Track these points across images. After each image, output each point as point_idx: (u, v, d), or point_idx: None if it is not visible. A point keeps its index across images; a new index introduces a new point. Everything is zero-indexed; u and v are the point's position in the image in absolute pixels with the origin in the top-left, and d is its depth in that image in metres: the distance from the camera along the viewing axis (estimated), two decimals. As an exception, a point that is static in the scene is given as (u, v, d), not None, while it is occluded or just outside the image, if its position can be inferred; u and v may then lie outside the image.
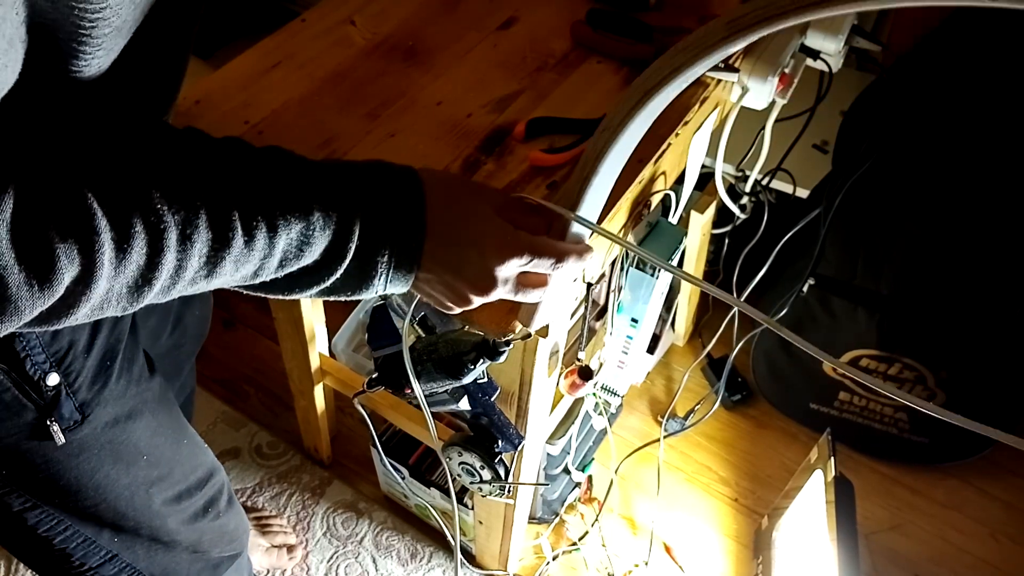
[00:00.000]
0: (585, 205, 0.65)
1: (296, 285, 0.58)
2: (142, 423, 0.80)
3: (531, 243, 0.62)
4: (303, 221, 0.54)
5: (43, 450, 0.73)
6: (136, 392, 0.78)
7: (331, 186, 0.57)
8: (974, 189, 1.29)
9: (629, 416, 1.70)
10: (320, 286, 0.58)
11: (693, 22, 1.05)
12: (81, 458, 0.75)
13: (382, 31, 1.07)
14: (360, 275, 0.58)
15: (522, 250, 0.61)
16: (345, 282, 0.58)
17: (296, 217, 0.54)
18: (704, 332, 1.81)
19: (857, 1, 0.46)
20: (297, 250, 0.55)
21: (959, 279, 1.36)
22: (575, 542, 1.51)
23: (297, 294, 0.59)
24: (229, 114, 0.95)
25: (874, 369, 1.50)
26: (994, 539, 1.55)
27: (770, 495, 1.59)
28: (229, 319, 1.83)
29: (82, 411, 0.73)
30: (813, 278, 1.45)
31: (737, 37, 0.51)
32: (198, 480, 0.90)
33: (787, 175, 1.44)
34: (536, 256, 0.62)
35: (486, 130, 0.95)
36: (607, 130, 0.60)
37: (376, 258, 0.58)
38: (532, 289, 0.65)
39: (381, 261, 0.58)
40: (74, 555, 0.82)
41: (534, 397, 0.99)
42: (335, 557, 1.49)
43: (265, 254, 0.54)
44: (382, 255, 0.58)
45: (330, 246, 0.56)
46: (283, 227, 0.53)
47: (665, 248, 1.06)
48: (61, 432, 0.72)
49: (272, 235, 0.53)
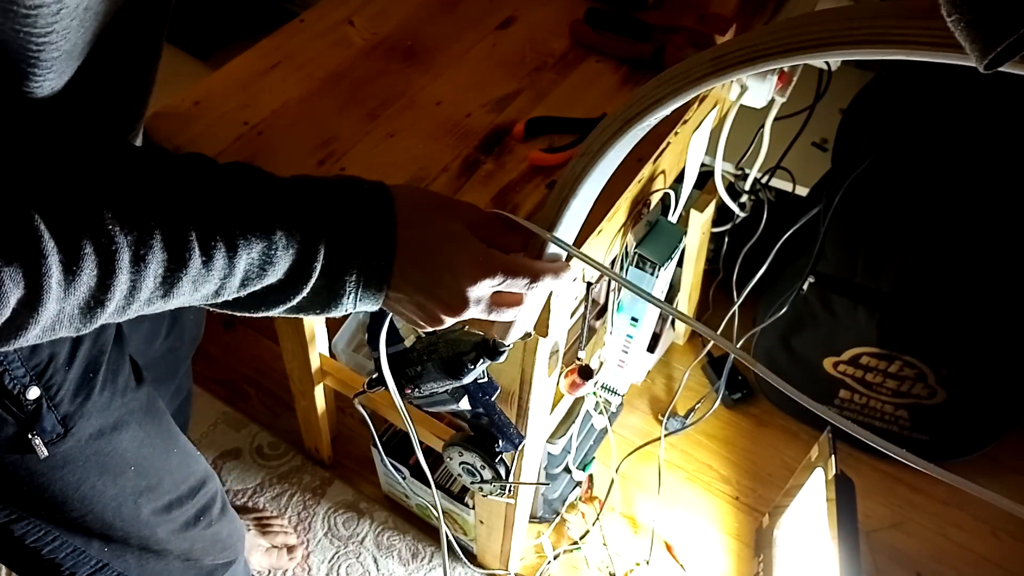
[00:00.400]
0: (563, 226, 0.65)
1: (261, 304, 0.56)
2: (128, 434, 0.79)
3: (504, 263, 0.61)
4: (264, 240, 0.53)
5: (26, 463, 0.72)
6: (121, 403, 0.78)
7: (296, 203, 0.55)
8: (974, 186, 1.29)
9: (630, 415, 1.70)
10: (286, 304, 0.57)
11: (692, 21, 1.05)
12: (65, 471, 0.75)
13: (381, 31, 1.07)
14: (328, 294, 0.57)
15: (495, 270, 0.60)
16: (313, 300, 0.57)
17: (257, 236, 0.53)
18: (704, 331, 1.81)
19: (837, 48, 0.46)
20: (259, 269, 0.54)
21: (959, 277, 1.36)
22: (576, 541, 1.51)
23: (264, 312, 0.57)
24: (228, 115, 0.94)
25: (874, 367, 1.50)
26: (995, 536, 1.55)
27: (771, 493, 1.59)
28: (229, 319, 1.83)
29: (64, 424, 0.72)
30: (813, 276, 1.45)
31: (721, 73, 0.51)
32: (189, 489, 0.90)
33: (787, 173, 1.44)
34: (510, 276, 0.60)
35: (485, 130, 0.95)
36: (586, 155, 0.60)
37: (344, 277, 0.56)
38: (506, 308, 0.63)
39: (349, 280, 0.57)
40: (63, 565, 0.82)
41: (534, 396, 0.99)
42: (336, 557, 1.49)
43: (225, 274, 0.52)
44: (350, 274, 0.57)
45: (294, 265, 0.55)
46: (243, 246, 0.52)
47: (665, 247, 1.06)
48: (44, 445, 0.71)
49: (232, 255, 0.52)
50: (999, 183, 1.28)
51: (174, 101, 0.96)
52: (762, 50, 0.49)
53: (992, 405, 1.54)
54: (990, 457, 1.62)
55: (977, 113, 1.27)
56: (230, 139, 0.92)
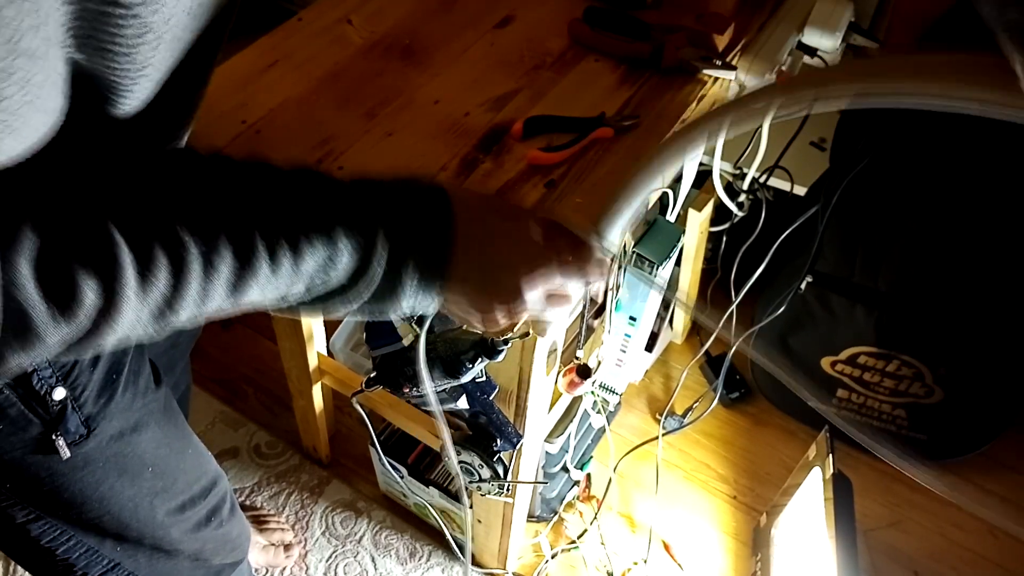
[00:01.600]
0: (614, 230, 0.66)
1: (326, 306, 0.58)
2: (147, 435, 0.80)
3: (560, 262, 0.62)
4: (327, 243, 0.54)
5: (48, 463, 0.73)
6: (142, 404, 0.78)
7: (355, 205, 0.57)
8: (972, 186, 1.29)
9: (627, 414, 1.70)
10: (351, 306, 0.58)
11: (690, 20, 1.05)
12: (86, 471, 0.75)
13: (379, 30, 1.07)
14: (388, 292, 0.58)
15: (551, 268, 0.61)
16: (375, 302, 0.58)
17: (321, 239, 0.54)
18: (702, 330, 1.81)
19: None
20: (324, 273, 0.55)
21: (957, 276, 1.36)
22: (574, 540, 1.51)
23: (329, 314, 0.59)
24: (226, 114, 0.94)
25: (872, 366, 1.50)
26: (993, 535, 1.55)
27: (769, 492, 1.59)
28: (227, 319, 1.83)
29: (88, 425, 0.73)
30: (811, 275, 1.45)
31: (787, 103, 0.52)
32: (202, 489, 0.90)
33: (785, 172, 1.44)
34: (564, 274, 0.62)
35: (484, 129, 0.95)
36: (648, 160, 0.61)
37: (402, 273, 0.57)
38: (559, 306, 0.65)
39: (407, 276, 0.58)
40: (77, 564, 0.82)
41: (532, 395, 0.99)
42: (334, 556, 1.49)
43: (292, 279, 0.54)
44: (407, 270, 0.57)
45: (357, 267, 0.56)
46: (308, 250, 0.54)
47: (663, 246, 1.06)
48: (67, 446, 0.72)
49: (297, 259, 0.53)
50: (997, 182, 1.28)
51: (172, 100, 0.95)
52: (827, 87, 0.50)
53: (990, 404, 1.55)
54: (988, 456, 1.63)
55: (975, 113, 1.27)
56: (228, 138, 0.92)
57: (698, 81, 1.02)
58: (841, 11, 1.15)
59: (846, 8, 1.15)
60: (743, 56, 1.08)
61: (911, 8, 1.59)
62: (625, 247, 1.04)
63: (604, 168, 0.91)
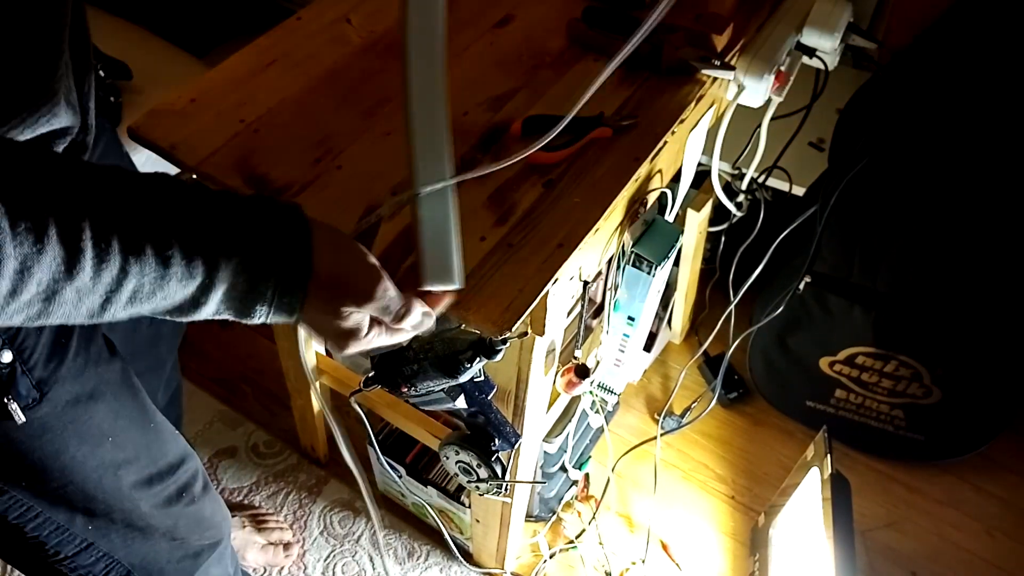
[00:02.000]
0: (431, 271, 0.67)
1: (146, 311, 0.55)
2: (103, 404, 0.79)
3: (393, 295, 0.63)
4: (160, 257, 0.52)
5: (4, 430, 0.73)
6: (95, 372, 0.78)
7: (207, 220, 0.55)
8: (970, 186, 1.29)
9: (626, 414, 1.70)
10: (186, 317, 0.56)
11: (689, 20, 1.05)
12: (44, 439, 0.75)
13: (378, 29, 1.07)
14: (240, 307, 0.58)
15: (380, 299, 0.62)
16: (221, 311, 0.58)
17: (155, 250, 0.52)
18: (701, 330, 1.81)
19: None
20: (150, 292, 0.53)
21: (955, 277, 1.36)
22: (572, 540, 1.51)
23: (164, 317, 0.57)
24: (225, 113, 0.94)
25: (870, 367, 1.50)
26: (990, 535, 1.55)
27: (767, 492, 1.59)
28: (225, 318, 1.83)
29: (40, 388, 0.73)
30: (809, 276, 1.45)
31: None
32: (168, 465, 0.90)
33: (783, 173, 1.44)
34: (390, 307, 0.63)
35: (482, 128, 0.95)
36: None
37: (259, 292, 0.57)
38: (395, 334, 0.66)
39: (264, 297, 0.57)
40: (48, 543, 0.81)
41: (531, 395, 0.99)
42: (332, 556, 1.49)
43: (110, 288, 0.51)
44: (265, 291, 0.57)
45: (194, 294, 0.55)
46: (135, 269, 0.51)
47: (661, 246, 1.06)
48: (20, 410, 0.71)
49: (120, 276, 0.51)
50: (996, 183, 1.28)
51: (171, 98, 0.95)
52: None
53: (987, 405, 1.55)
54: (985, 456, 1.63)
55: (974, 113, 1.28)
56: (227, 136, 0.92)
57: (696, 81, 1.02)
58: (840, 12, 1.15)
59: (845, 9, 1.15)
60: (742, 56, 1.08)
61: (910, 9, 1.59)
62: (623, 247, 1.04)
63: (602, 168, 0.91)
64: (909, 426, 1.56)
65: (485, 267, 0.81)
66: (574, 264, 0.86)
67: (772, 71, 1.08)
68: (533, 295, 0.79)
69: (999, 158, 1.27)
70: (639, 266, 1.06)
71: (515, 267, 0.81)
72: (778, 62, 1.09)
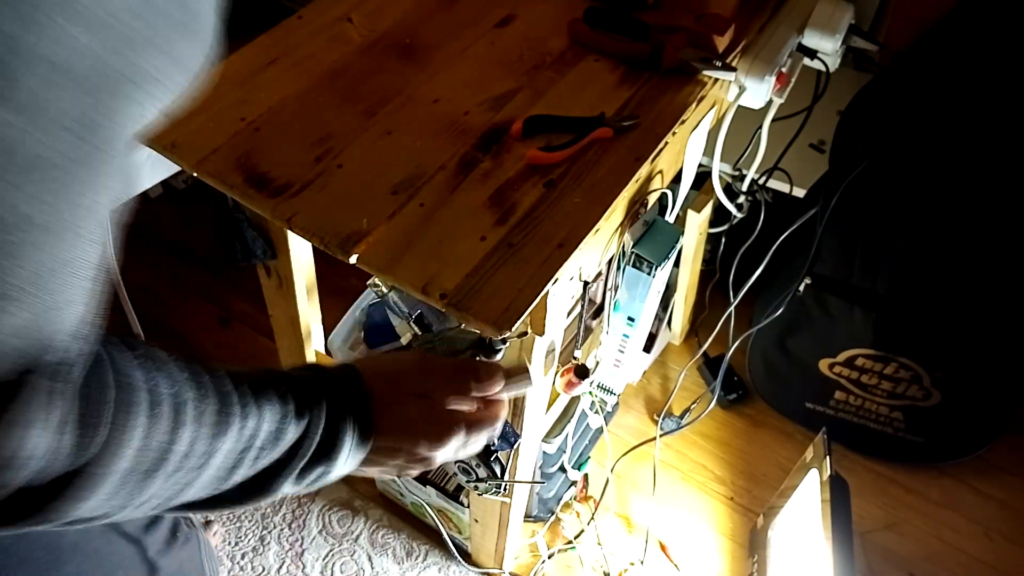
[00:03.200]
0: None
1: (258, 486, 0.57)
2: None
3: (467, 425, 0.65)
4: (280, 407, 0.55)
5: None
6: None
7: (291, 385, 0.58)
8: (971, 188, 1.29)
9: (625, 415, 1.70)
10: (277, 493, 0.58)
11: (690, 21, 1.05)
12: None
13: (379, 28, 1.07)
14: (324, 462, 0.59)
15: (457, 435, 0.64)
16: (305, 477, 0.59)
17: (275, 402, 0.55)
18: (700, 331, 1.81)
19: None
20: (274, 439, 0.55)
21: (955, 279, 1.36)
22: (571, 540, 1.51)
23: (251, 504, 0.58)
24: (225, 111, 0.94)
25: (870, 368, 1.50)
26: (988, 538, 1.55)
27: (766, 494, 1.59)
28: (225, 317, 1.83)
29: None
30: (809, 277, 1.45)
31: None
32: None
33: (784, 174, 1.44)
34: (472, 431, 0.65)
35: (483, 128, 0.95)
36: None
37: (338, 443, 0.59)
38: (472, 445, 0.67)
39: (342, 445, 0.59)
40: None
41: (530, 395, 0.99)
42: (330, 555, 1.49)
43: (252, 434, 0.54)
44: (342, 439, 0.59)
45: (299, 439, 0.57)
46: (269, 412, 0.55)
47: (661, 247, 1.06)
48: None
49: (260, 414, 0.54)
50: (996, 185, 1.28)
51: (171, 97, 0.95)
52: None
53: (987, 407, 1.55)
54: (984, 459, 1.63)
55: (974, 115, 1.28)
56: (227, 135, 0.92)
57: (698, 82, 1.02)
58: (842, 13, 1.15)
59: (847, 10, 1.15)
60: (743, 57, 1.08)
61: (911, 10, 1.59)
62: (624, 247, 1.04)
63: (603, 168, 0.91)
64: (908, 428, 1.56)
65: (485, 267, 0.81)
66: (574, 264, 0.86)
67: (773, 72, 1.08)
68: (533, 295, 0.79)
69: (1000, 160, 1.27)
70: (639, 267, 1.06)
71: (515, 267, 0.81)
72: (779, 63, 1.09)
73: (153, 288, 1.86)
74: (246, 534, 1.51)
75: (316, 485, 0.60)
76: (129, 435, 0.45)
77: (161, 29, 0.37)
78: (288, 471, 0.57)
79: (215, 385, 0.52)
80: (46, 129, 0.34)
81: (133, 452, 0.45)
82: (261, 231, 1.10)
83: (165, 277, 1.90)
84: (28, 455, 0.40)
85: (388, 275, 0.81)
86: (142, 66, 0.37)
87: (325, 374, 0.62)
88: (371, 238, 0.83)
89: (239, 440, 0.53)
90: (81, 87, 0.34)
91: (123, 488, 0.47)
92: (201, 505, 0.56)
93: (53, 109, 0.34)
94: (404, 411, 0.63)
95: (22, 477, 0.40)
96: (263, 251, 1.11)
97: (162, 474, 0.48)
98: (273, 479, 0.57)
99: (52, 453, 0.41)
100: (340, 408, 0.60)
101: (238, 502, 0.57)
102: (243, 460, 0.54)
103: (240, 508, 0.58)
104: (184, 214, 2.02)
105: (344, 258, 0.82)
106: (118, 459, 0.45)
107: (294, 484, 0.58)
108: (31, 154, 0.34)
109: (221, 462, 0.52)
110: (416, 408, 0.64)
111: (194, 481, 0.52)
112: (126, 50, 0.35)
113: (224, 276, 1.91)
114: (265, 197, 0.86)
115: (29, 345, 0.38)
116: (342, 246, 0.82)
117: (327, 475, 0.60)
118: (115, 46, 0.35)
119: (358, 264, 0.82)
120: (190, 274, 1.91)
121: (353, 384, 0.62)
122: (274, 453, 0.56)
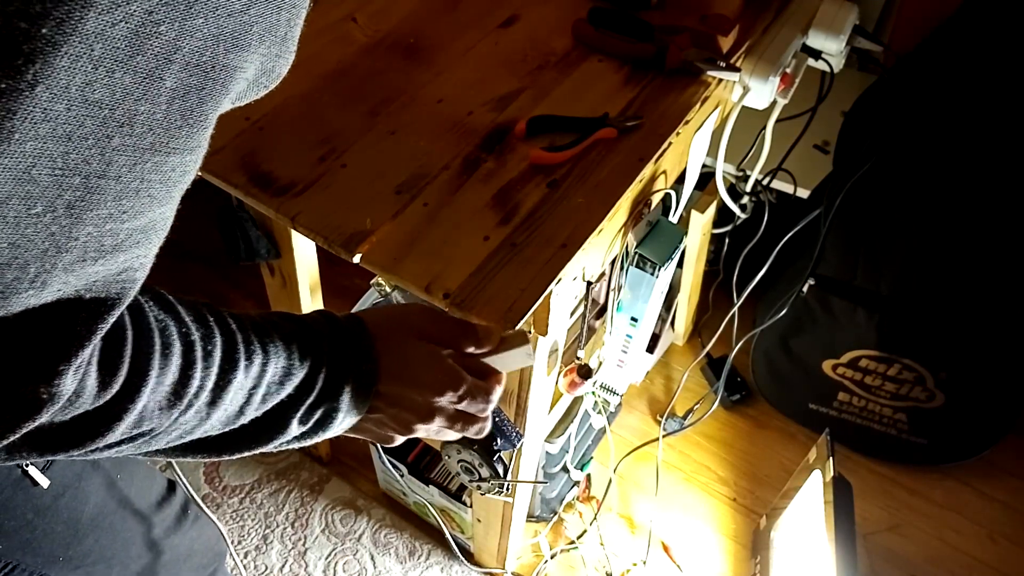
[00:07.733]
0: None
1: (271, 426, 0.59)
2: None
3: (467, 385, 0.65)
4: (286, 351, 0.57)
5: (32, 503, 0.73)
6: None
7: (295, 329, 0.59)
8: (975, 190, 1.28)
9: (628, 415, 1.70)
10: (290, 425, 0.59)
11: (695, 21, 1.05)
12: (67, 495, 0.76)
13: (383, 28, 1.07)
14: (324, 414, 0.60)
15: (458, 388, 0.64)
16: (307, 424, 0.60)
17: (282, 347, 0.57)
18: (704, 332, 1.81)
19: None
20: (279, 383, 0.57)
21: (959, 280, 1.36)
22: (573, 541, 1.51)
23: (263, 444, 0.60)
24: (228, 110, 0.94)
25: (873, 370, 1.50)
26: (992, 540, 1.55)
27: (768, 495, 1.59)
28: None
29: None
30: (813, 278, 1.45)
31: None
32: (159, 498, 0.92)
33: (788, 175, 1.44)
34: (468, 398, 0.65)
35: (487, 128, 0.95)
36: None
37: (342, 387, 0.60)
38: (468, 425, 0.67)
39: (345, 391, 0.60)
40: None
41: (533, 395, 0.99)
42: (333, 554, 1.49)
43: (256, 381, 0.55)
44: (345, 385, 0.60)
45: (304, 379, 0.58)
46: (273, 353, 0.56)
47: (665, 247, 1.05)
48: (41, 473, 0.72)
49: (265, 360, 0.56)
50: (1000, 187, 1.28)
51: (176, 96, 0.95)
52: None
53: (990, 409, 1.54)
54: (987, 461, 1.62)
55: (978, 116, 1.27)
56: (231, 134, 0.92)
57: (702, 83, 1.01)
58: (846, 14, 1.15)
59: (851, 11, 1.15)
60: (747, 58, 1.08)
61: (916, 11, 1.59)
62: (627, 248, 1.04)
63: (607, 168, 0.91)
64: (912, 430, 1.56)
65: (489, 266, 0.81)
66: (577, 264, 0.86)
67: (777, 73, 1.08)
68: (536, 295, 0.79)
69: (1004, 162, 1.27)
70: (643, 267, 1.06)
71: (518, 267, 0.81)
72: (783, 64, 1.09)
73: (156, 286, 1.87)
74: (249, 533, 1.51)
75: (322, 430, 0.61)
76: (144, 377, 0.47)
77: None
78: (295, 409, 0.58)
79: (220, 328, 0.53)
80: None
81: (148, 391, 0.48)
82: (265, 230, 1.10)
83: (168, 276, 1.89)
84: (58, 393, 0.42)
85: (392, 274, 0.81)
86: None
87: (332, 318, 0.63)
88: (375, 237, 0.83)
89: (247, 378, 0.54)
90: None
91: (140, 424, 0.49)
92: (218, 446, 0.57)
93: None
94: (408, 352, 0.64)
95: (46, 416, 0.43)
96: (267, 250, 1.12)
97: (176, 410, 0.50)
98: (282, 417, 0.58)
99: (75, 394, 0.43)
100: (344, 349, 0.61)
101: (252, 441, 0.59)
102: (252, 398, 0.56)
103: (255, 449, 0.59)
104: (188, 213, 2.02)
105: (348, 257, 0.82)
106: (135, 398, 0.47)
107: (300, 424, 0.59)
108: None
109: (231, 398, 0.54)
110: (419, 351, 0.64)
111: (207, 419, 0.54)
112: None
113: (228, 275, 1.91)
114: (269, 196, 0.86)
115: (120, 291, 0.43)
116: (346, 245, 0.82)
117: (333, 417, 0.60)
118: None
119: (362, 263, 0.82)
120: (193, 273, 1.91)
121: (358, 329, 0.63)
122: (282, 392, 0.57)
